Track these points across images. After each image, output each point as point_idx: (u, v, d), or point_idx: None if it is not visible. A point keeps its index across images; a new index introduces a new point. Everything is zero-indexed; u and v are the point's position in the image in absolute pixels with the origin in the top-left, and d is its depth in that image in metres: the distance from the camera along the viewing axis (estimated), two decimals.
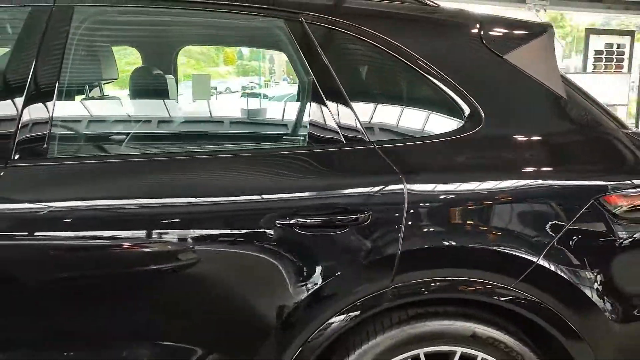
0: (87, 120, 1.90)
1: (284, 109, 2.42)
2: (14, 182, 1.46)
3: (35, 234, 1.44)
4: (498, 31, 1.69)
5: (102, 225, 1.46)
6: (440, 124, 1.60)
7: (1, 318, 1.46)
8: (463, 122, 1.57)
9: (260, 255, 1.46)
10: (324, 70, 1.58)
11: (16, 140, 1.48)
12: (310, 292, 1.47)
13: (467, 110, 1.57)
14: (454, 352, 1.51)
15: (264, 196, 1.49)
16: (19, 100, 1.50)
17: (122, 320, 1.48)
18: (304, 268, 1.47)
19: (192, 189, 1.50)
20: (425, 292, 1.49)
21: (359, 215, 1.45)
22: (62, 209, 1.45)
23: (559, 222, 1.49)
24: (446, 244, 1.48)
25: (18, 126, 1.49)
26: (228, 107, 2.28)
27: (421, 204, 1.47)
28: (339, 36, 1.61)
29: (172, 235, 1.46)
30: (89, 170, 1.55)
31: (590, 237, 1.52)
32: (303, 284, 1.47)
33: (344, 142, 1.55)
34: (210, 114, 2.45)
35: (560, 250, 1.49)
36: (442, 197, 1.50)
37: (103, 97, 2.22)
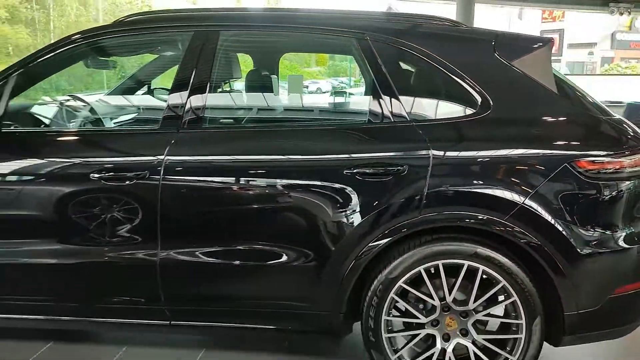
0: (224, 105, 2.80)
1: (354, 100, 3.22)
2: (182, 141, 2.36)
3: (189, 177, 2.33)
4: (507, 44, 2.38)
5: (234, 171, 2.32)
6: (459, 109, 2.32)
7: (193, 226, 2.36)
8: (476, 108, 2.27)
9: (333, 194, 2.25)
10: (380, 72, 2.35)
11: (184, 117, 2.38)
12: (364, 219, 2.24)
13: (479, 99, 2.27)
14: (463, 264, 2.22)
15: (338, 155, 2.29)
16: (186, 93, 2.40)
17: (254, 229, 2.33)
18: (360, 203, 2.24)
19: (292, 150, 2.33)
20: (442, 222, 2.21)
21: (399, 168, 2.21)
22: (208, 159, 2.33)
23: (540, 177, 2.16)
24: (456, 189, 2.19)
25: (185, 108, 2.39)
26: (315, 99, 3.10)
27: (440, 163, 2.20)
28: (392, 49, 2.37)
29: (280, 180, 2.29)
30: (225, 135, 2.43)
31: (562, 189, 2.17)
32: (359, 213, 2.24)
33: (392, 120, 2.31)
34: (302, 104, 3.29)
35: (540, 196, 2.15)
36: (455, 158, 2.22)
37: (232, 90, 3.13)
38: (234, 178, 2.34)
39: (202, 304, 2.43)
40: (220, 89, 2.97)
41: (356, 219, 2.25)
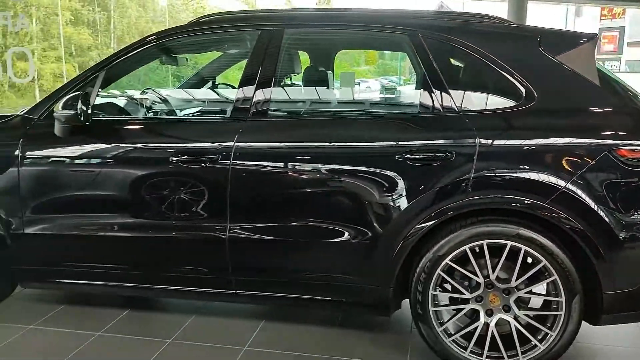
0: (286, 97, 3.07)
1: (406, 92, 3.42)
2: (249, 128, 2.63)
3: (255, 161, 2.59)
4: (552, 40, 2.53)
5: (298, 156, 2.57)
6: (505, 101, 2.48)
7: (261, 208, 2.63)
8: (521, 100, 2.44)
9: (385, 178, 2.47)
10: (431, 67, 2.54)
11: (251, 108, 2.65)
12: (413, 202, 2.44)
13: (524, 92, 2.43)
14: (506, 245, 2.38)
15: (390, 142, 2.50)
16: (253, 87, 2.67)
17: (313, 209, 2.58)
18: (410, 187, 2.44)
19: (349, 138, 2.56)
20: (487, 205, 2.39)
21: (447, 154, 2.40)
22: (273, 145, 2.59)
23: (581, 164, 2.30)
24: (501, 175, 2.36)
25: (252, 100, 2.65)
26: (370, 93, 3.34)
27: (486, 150, 2.38)
28: (443, 45, 2.56)
29: (337, 165, 2.53)
30: (287, 124, 2.69)
31: (603, 176, 2.31)
32: (409, 196, 2.44)
33: (442, 111, 2.50)
34: (356, 98, 3.51)
35: (581, 183, 2.30)
36: (500, 146, 2.39)
37: (292, 84, 3.39)
38: (297, 163, 2.59)
39: (265, 276, 2.70)
40: (283, 83, 3.23)
41: (407, 201, 2.46)
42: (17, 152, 2.79)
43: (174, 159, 2.63)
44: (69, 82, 2.87)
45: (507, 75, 2.47)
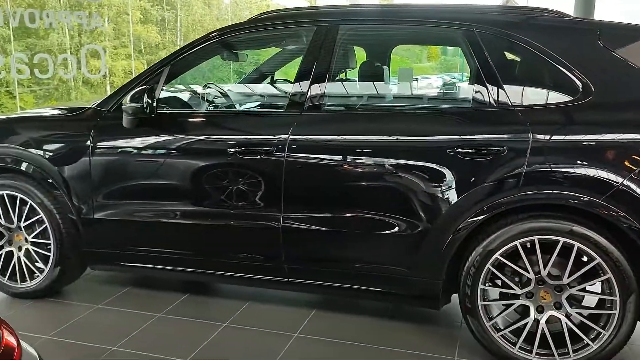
0: (339, 92, 3.13)
1: (460, 88, 3.41)
2: (304, 122, 2.71)
3: (309, 154, 2.67)
4: (612, 34, 2.47)
5: (351, 150, 2.63)
6: (561, 96, 2.45)
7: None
8: (578, 94, 2.40)
9: (436, 172, 2.49)
10: (485, 62, 2.54)
11: (306, 102, 2.73)
12: (464, 195, 2.45)
13: (581, 86, 2.39)
14: (558, 241, 2.36)
15: (441, 136, 2.52)
16: (307, 82, 2.74)
17: (365, 201, 2.64)
18: (462, 180, 2.46)
19: (402, 132, 2.60)
20: (539, 200, 2.37)
21: (499, 149, 2.39)
22: (326, 138, 2.66)
23: (638, 159, 2.25)
24: (555, 170, 2.34)
25: (307, 95, 2.73)
26: (424, 89, 3.34)
27: (540, 145, 2.36)
28: (498, 39, 2.55)
29: (388, 158, 2.57)
30: (340, 118, 2.76)
31: None
32: (460, 190, 2.46)
33: (495, 105, 2.50)
34: (411, 93, 3.52)
35: (638, 179, 2.24)
36: (554, 140, 2.36)
37: (348, 79, 3.45)
38: (350, 155, 2.65)
39: (317, 265, 2.78)
40: (338, 78, 3.29)
41: (457, 195, 2.47)
42: (88, 142, 2.99)
43: (232, 150, 2.75)
44: (136, 76, 3.05)
45: (564, 70, 2.43)
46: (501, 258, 2.43)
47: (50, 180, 3.07)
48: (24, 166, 3.12)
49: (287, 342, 2.76)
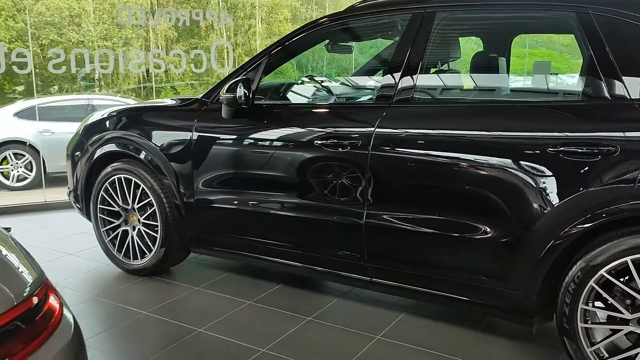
0: (437, 85, 2.92)
1: (572, 80, 2.99)
2: (392, 115, 2.57)
3: (397, 148, 2.51)
4: None
5: (441, 145, 2.44)
6: None
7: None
8: None
9: (534, 172, 2.21)
10: (602, 49, 2.19)
11: (395, 94, 2.58)
12: (565, 200, 2.15)
13: None
14: None
15: (542, 133, 2.23)
16: (399, 73, 2.59)
17: (453, 202, 2.44)
18: (564, 184, 2.16)
19: (511, 127, 2.33)
20: None
21: (610, 148, 2.06)
22: (417, 132, 2.49)
23: None
24: None
25: (397, 86, 2.58)
26: (542, 83, 2.97)
27: None
28: (616, 23, 2.19)
29: (481, 155, 2.33)
30: (431, 111, 2.58)
31: None
32: (561, 194, 2.16)
33: (610, 99, 2.15)
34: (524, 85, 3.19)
35: None
36: None
37: (447, 70, 3.19)
38: (438, 151, 2.45)
39: (399, 266, 2.62)
40: (435, 69, 3.06)
41: (558, 199, 2.18)
42: (191, 131, 3.12)
43: (319, 142, 2.69)
44: (238, 67, 3.12)
45: None
46: (607, 276, 2.10)
47: (159, 166, 3.26)
48: (142, 154, 3.35)
49: (366, 344, 2.64)
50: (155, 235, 3.37)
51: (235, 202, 3.06)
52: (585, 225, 2.13)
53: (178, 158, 3.20)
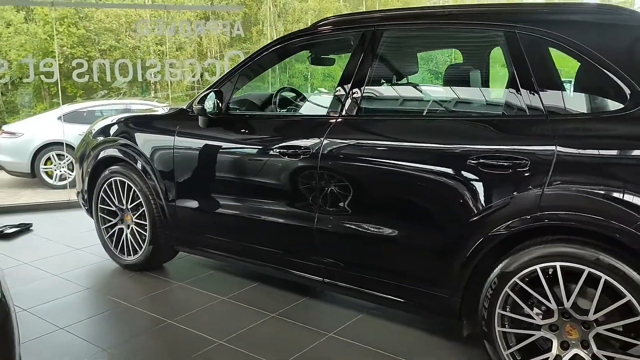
0: (383, 99, 3.07)
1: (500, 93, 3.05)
2: (339, 127, 2.75)
3: (340, 158, 2.70)
4: None
5: (378, 155, 2.60)
6: (604, 103, 2.13)
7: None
8: (625, 103, 2.06)
9: (455, 182, 2.34)
10: (524, 65, 2.30)
11: (342, 108, 2.76)
12: (482, 210, 2.27)
13: (628, 93, 2.05)
14: (583, 270, 2.05)
15: (461, 145, 2.35)
16: (348, 87, 2.78)
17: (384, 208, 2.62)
18: (481, 194, 2.28)
19: (438, 139, 2.48)
20: (561, 221, 2.09)
21: (522, 161, 2.17)
22: (358, 143, 2.67)
23: None
24: (583, 190, 2.05)
25: (345, 100, 2.76)
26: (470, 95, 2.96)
27: (566, 160, 2.08)
28: (541, 42, 2.29)
29: (408, 164, 2.48)
30: (374, 124, 2.77)
31: None
32: (478, 205, 2.28)
33: (527, 112, 2.26)
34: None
35: None
36: (586, 156, 2.07)
37: (400, 84, 3.26)
38: (375, 161, 2.62)
39: (346, 268, 2.79)
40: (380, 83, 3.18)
41: (477, 209, 2.30)
42: (173, 138, 3.40)
43: (277, 151, 2.90)
44: (216, 80, 3.36)
45: (611, 75, 2.11)
46: (520, 282, 2.21)
47: (147, 170, 3.56)
48: (134, 160, 3.65)
49: (317, 340, 2.81)
50: (145, 233, 3.67)
51: (207, 204, 3.31)
52: (499, 234, 2.24)
53: (162, 163, 3.49)
